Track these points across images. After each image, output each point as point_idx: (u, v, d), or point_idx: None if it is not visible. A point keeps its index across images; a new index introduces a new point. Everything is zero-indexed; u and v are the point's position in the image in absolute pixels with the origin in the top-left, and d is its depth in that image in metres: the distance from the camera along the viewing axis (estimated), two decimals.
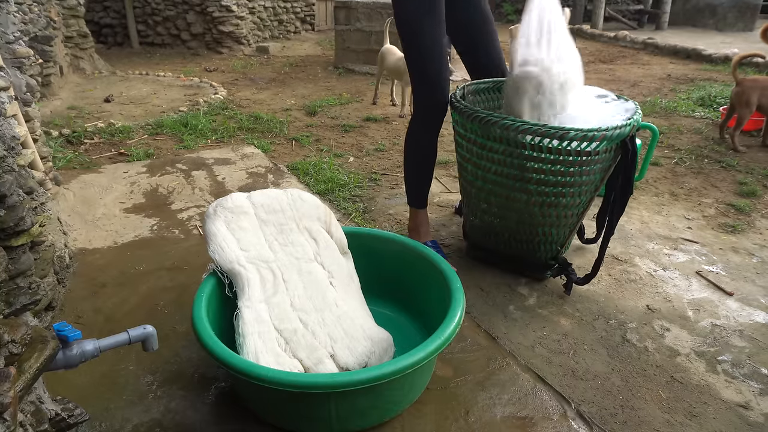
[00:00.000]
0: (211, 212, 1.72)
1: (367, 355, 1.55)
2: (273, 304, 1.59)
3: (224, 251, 1.64)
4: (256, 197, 1.80)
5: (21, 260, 1.18)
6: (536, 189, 1.90)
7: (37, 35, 4.35)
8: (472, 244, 2.31)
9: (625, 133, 1.76)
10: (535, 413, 1.53)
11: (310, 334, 1.56)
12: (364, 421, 1.45)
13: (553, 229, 2.02)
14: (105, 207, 2.78)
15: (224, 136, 3.99)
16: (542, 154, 1.81)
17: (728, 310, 2.01)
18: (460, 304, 1.52)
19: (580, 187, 1.89)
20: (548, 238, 2.04)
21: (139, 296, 2.05)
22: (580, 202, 1.95)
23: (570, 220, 2.00)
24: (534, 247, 2.08)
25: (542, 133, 1.75)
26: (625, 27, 9.76)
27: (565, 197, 1.92)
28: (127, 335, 1.33)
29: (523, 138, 1.80)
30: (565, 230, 2.03)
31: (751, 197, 2.97)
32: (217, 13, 7.52)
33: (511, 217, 2.04)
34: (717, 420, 1.52)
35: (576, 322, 1.93)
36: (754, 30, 9.38)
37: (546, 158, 1.81)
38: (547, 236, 2.04)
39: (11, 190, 1.13)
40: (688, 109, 4.61)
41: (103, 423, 1.47)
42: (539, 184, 1.88)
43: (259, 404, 1.49)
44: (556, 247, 2.07)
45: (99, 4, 7.75)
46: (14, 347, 0.98)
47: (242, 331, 1.48)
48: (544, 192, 1.90)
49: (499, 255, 2.22)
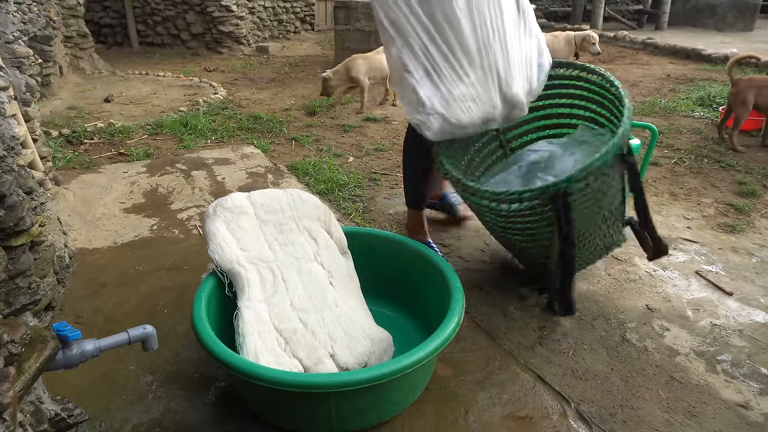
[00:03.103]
0: (210, 212, 1.72)
1: (367, 354, 1.55)
2: (273, 304, 1.59)
3: (224, 251, 1.64)
4: (255, 197, 1.80)
5: (21, 260, 1.18)
6: (520, 233, 1.88)
7: (36, 35, 4.35)
8: None
9: (552, 191, 1.64)
10: (535, 413, 1.53)
11: (310, 334, 1.56)
12: (364, 421, 1.45)
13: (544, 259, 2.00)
14: (105, 207, 2.78)
15: (224, 136, 3.99)
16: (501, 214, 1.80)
17: (728, 309, 2.01)
18: (460, 304, 1.52)
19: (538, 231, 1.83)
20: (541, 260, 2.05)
21: (139, 296, 2.05)
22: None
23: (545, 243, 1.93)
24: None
25: (492, 198, 1.75)
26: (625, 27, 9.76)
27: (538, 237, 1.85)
28: (127, 335, 1.33)
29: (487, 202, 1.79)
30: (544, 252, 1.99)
31: (750, 197, 2.97)
32: (217, 13, 7.52)
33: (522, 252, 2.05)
34: (716, 420, 1.52)
35: (576, 322, 1.93)
36: (754, 30, 9.40)
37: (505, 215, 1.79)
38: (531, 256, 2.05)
39: (11, 190, 1.13)
40: (688, 109, 4.61)
41: (103, 423, 1.47)
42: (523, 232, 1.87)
43: (258, 404, 1.49)
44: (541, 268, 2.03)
45: (99, 4, 7.75)
46: (14, 347, 0.98)
47: (242, 330, 1.49)
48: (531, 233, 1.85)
49: None
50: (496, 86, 1.83)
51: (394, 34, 1.80)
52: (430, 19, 1.76)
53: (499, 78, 1.82)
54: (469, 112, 1.81)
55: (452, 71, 1.79)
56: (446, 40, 1.78)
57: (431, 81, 1.79)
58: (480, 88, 1.81)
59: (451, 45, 1.78)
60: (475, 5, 1.77)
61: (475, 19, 1.78)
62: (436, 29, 1.77)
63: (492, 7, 1.80)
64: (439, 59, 1.78)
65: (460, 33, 1.77)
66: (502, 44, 1.82)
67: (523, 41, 1.89)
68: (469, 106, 1.81)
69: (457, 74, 1.79)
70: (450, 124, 1.80)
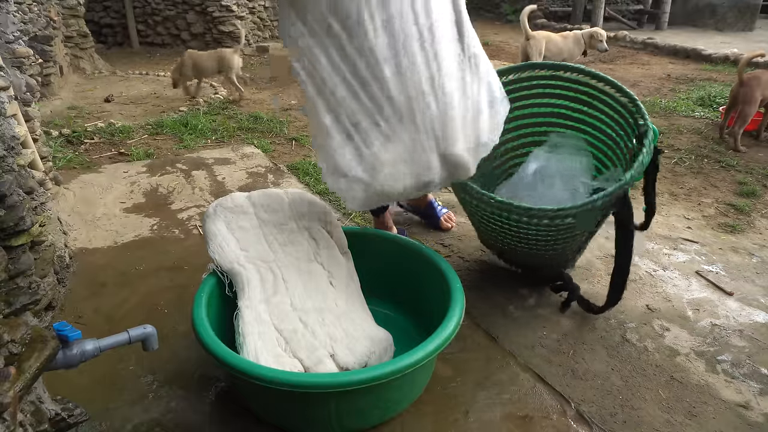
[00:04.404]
0: (211, 212, 1.72)
1: (367, 354, 1.55)
2: (273, 304, 1.59)
3: (224, 251, 1.64)
4: (255, 197, 1.80)
5: (21, 260, 1.18)
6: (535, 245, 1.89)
7: (36, 35, 4.34)
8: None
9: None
10: (535, 413, 1.53)
11: (310, 334, 1.56)
12: (364, 421, 1.45)
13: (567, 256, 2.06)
14: (105, 207, 2.78)
15: (224, 135, 3.99)
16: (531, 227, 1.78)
17: (728, 309, 2.01)
18: (460, 304, 1.52)
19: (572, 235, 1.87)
20: (562, 263, 2.09)
21: (139, 296, 2.05)
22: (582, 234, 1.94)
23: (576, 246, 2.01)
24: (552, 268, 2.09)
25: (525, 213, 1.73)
26: (625, 27, 9.75)
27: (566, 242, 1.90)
28: (127, 335, 1.33)
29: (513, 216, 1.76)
30: (571, 254, 2.07)
31: (750, 197, 2.97)
32: (217, 12, 7.51)
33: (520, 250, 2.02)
34: (717, 420, 1.52)
35: (576, 321, 1.93)
36: (754, 30, 9.39)
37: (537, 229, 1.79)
38: (561, 262, 2.08)
39: (11, 190, 1.13)
40: (688, 109, 4.61)
41: (103, 423, 1.47)
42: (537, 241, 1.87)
43: (259, 404, 1.49)
44: (558, 269, 2.08)
45: (99, 4, 7.74)
46: (14, 347, 0.98)
47: (242, 330, 1.49)
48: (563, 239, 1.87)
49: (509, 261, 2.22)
50: (433, 146, 1.54)
51: (311, 89, 1.57)
52: (351, 70, 1.50)
53: (435, 136, 1.54)
54: (401, 178, 1.56)
55: (379, 132, 1.52)
56: (371, 95, 1.51)
57: (353, 144, 1.54)
58: (413, 149, 1.54)
59: (377, 100, 1.51)
60: (405, 51, 1.48)
61: (405, 69, 1.49)
62: (358, 83, 1.51)
63: (427, 51, 1.51)
64: (362, 118, 1.52)
65: (386, 87, 1.49)
66: (439, 96, 1.53)
67: (469, 89, 1.60)
68: (400, 170, 1.54)
69: (385, 135, 1.52)
70: (376, 193, 1.57)
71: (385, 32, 1.48)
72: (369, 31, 1.47)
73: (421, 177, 1.58)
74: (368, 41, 1.47)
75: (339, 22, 1.49)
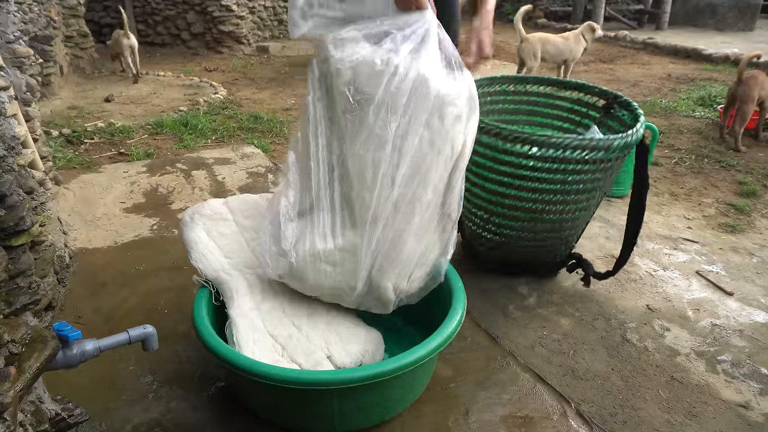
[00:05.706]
0: (187, 220, 1.68)
1: (362, 353, 1.54)
2: (264, 310, 1.57)
3: (208, 260, 1.61)
4: (233, 203, 1.77)
5: (21, 260, 1.18)
6: (574, 198, 1.91)
7: (37, 35, 4.34)
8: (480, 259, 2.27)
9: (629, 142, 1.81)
10: (535, 413, 1.53)
11: (305, 339, 1.54)
12: (366, 419, 1.45)
13: (575, 231, 2.08)
14: (105, 207, 2.78)
15: (224, 135, 3.99)
16: (579, 165, 1.80)
17: (728, 309, 2.01)
18: (461, 303, 1.52)
19: (599, 190, 1.96)
20: (569, 239, 2.09)
21: (139, 296, 2.05)
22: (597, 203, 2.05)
23: (588, 219, 2.09)
24: (554, 249, 2.11)
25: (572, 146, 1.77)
26: (625, 27, 9.75)
27: (593, 199, 1.97)
28: (127, 335, 1.33)
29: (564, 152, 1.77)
30: (582, 229, 2.12)
31: (751, 197, 2.97)
32: (217, 12, 7.51)
33: (542, 228, 2.01)
34: (717, 420, 1.52)
35: (576, 322, 1.93)
36: (755, 30, 9.39)
37: (587, 168, 1.82)
38: (568, 238, 2.08)
39: (11, 189, 1.13)
40: (688, 109, 4.61)
41: (103, 423, 1.47)
42: (578, 193, 1.89)
43: (260, 403, 1.49)
44: (572, 244, 2.14)
45: (99, 4, 7.74)
46: (14, 347, 0.98)
47: (237, 340, 1.45)
48: (580, 199, 1.92)
49: (510, 264, 2.20)
50: (368, 266, 1.49)
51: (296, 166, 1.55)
52: (340, 165, 1.49)
53: (375, 259, 1.49)
54: (323, 275, 1.52)
55: (331, 225, 1.50)
56: (345, 194, 1.49)
57: (302, 223, 1.53)
58: (348, 259, 1.49)
59: (349, 199, 1.49)
60: (400, 182, 1.42)
61: (392, 194, 1.43)
62: (340, 178, 1.50)
63: (416, 197, 1.45)
64: (325, 205, 1.50)
65: (362, 200, 1.45)
66: (397, 232, 1.47)
67: (426, 238, 1.53)
68: (325, 269, 1.51)
69: (333, 230, 1.50)
70: (293, 278, 1.55)
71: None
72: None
73: (339, 287, 1.55)
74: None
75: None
